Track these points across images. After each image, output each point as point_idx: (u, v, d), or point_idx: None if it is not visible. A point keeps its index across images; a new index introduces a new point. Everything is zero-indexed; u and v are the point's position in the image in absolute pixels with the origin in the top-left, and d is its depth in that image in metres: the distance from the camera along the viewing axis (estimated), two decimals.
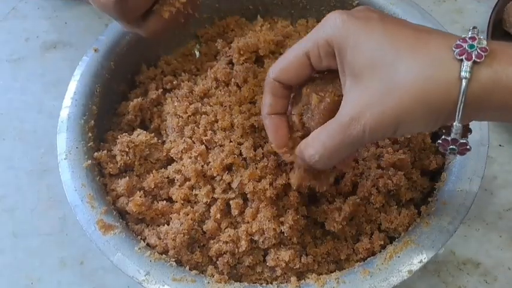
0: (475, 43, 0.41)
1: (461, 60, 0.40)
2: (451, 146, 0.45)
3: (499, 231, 0.71)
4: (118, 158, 0.66)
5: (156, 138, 0.67)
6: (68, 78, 0.69)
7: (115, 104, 0.73)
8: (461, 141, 0.44)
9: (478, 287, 0.68)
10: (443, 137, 0.45)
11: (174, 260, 0.59)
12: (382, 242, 0.60)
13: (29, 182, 0.79)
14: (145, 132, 0.67)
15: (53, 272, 0.72)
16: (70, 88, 0.68)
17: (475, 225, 0.72)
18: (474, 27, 0.44)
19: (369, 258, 0.58)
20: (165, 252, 0.60)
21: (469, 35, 0.42)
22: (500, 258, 0.69)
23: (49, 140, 0.68)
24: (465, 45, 0.41)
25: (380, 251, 0.59)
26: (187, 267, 0.58)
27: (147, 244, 0.60)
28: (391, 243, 0.59)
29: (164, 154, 0.67)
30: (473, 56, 0.40)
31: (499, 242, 0.71)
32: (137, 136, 0.66)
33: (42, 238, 0.74)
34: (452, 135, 0.44)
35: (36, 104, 0.85)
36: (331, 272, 0.59)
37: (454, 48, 0.41)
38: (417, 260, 0.55)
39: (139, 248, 0.58)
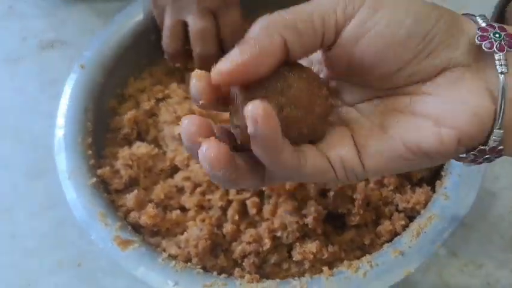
0: (497, 30, 0.36)
1: (493, 52, 0.35)
2: (486, 156, 0.37)
3: (502, 233, 0.71)
4: (122, 172, 0.64)
5: (157, 149, 0.66)
6: (65, 77, 0.68)
7: (107, 119, 0.71)
8: (500, 147, 0.36)
9: None
10: (480, 147, 0.36)
11: (199, 267, 0.58)
12: (403, 222, 0.60)
13: (25, 183, 0.77)
14: (144, 144, 0.66)
15: (50, 273, 0.70)
16: (61, 107, 0.66)
17: (477, 227, 0.71)
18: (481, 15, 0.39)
19: (395, 238, 0.58)
20: (187, 261, 0.59)
21: (483, 24, 0.37)
22: (502, 260, 0.69)
23: (46, 140, 0.66)
24: (489, 34, 0.36)
25: (404, 230, 0.59)
26: (215, 273, 0.58)
27: (169, 255, 0.59)
28: (410, 222, 0.60)
29: (168, 164, 0.65)
30: (505, 46, 0.35)
31: (501, 244, 0.69)
32: (138, 148, 0.65)
33: (40, 239, 0.72)
34: (491, 143, 0.36)
35: (33, 104, 0.84)
36: (358, 258, 0.59)
37: (478, 41, 0.36)
38: (444, 232, 0.55)
39: (163, 259, 0.57)
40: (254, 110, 0.31)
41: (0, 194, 0.77)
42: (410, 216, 0.61)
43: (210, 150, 0.34)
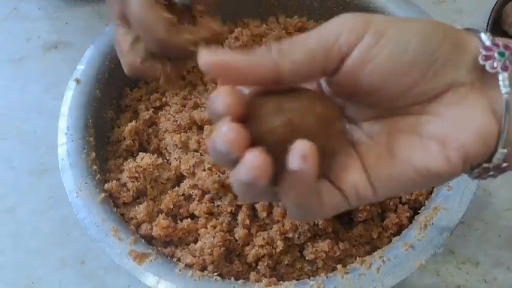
0: (501, 49, 0.36)
1: (497, 72, 0.35)
2: (490, 173, 0.38)
3: (498, 231, 0.71)
4: (129, 185, 0.64)
5: (160, 159, 0.66)
6: (68, 79, 0.69)
7: (106, 132, 0.72)
8: (504, 165, 0.37)
9: (478, 287, 0.68)
10: (484, 165, 0.37)
11: (216, 274, 0.58)
12: (408, 214, 0.62)
13: (29, 182, 0.78)
14: (148, 154, 0.66)
15: (53, 271, 0.71)
16: (61, 125, 0.66)
17: (474, 225, 0.72)
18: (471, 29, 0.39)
19: (403, 231, 0.60)
20: (203, 269, 0.59)
21: (488, 42, 0.36)
22: (499, 258, 0.70)
23: (49, 140, 0.67)
24: (493, 54, 0.35)
25: (411, 222, 0.61)
26: (232, 279, 0.58)
27: (184, 264, 0.59)
28: (415, 213, 0.62)
29: (173, 172, 0.66)
30: (509, 65, 0.35)
31: (498, 242, 0.71)
32: (142, 160, 0.65)
33: (43, 238, 0.74)
34: (495, 161, 0.36)
35: (36, 104, 0.85)
36: (367, 253, 0.61)
37: (482, 61, 0.35)
38: (451, 222, 0.57)
39: (180, 270, 0.57)
40: (304, 147, 0.32)
41: (4, 193, 0.78)
42: (414, 207, 0.63)
43: (257, 159, 0.33)
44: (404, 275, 0.55)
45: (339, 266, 0.57)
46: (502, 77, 0.35)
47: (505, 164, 0.36)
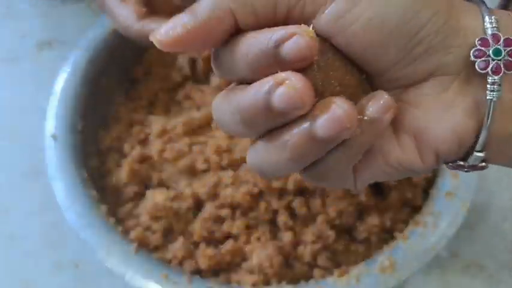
0: (500, 45, 0.30)
1: (486, 74, 0.30)
2: (466, 170, 0.34)
3: (503, 234, 0.70)
4: (155, 227, 0.61)
5: (172, 190, 0.63)
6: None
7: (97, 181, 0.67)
8: (481, 165, 0.33)
9: None
10: (458, 162, 0.33)
11: (285, 283, 0.57)
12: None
13: (23, 184, 0.76)
14: (158, 190, 0.63)
15: (48, 275, 0.69)
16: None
17: (478, 228, 0.70)
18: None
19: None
20: (267, 283, 0.58)
21: (489, 30, 0.30)
22: (504, 261, 0.69)
23: (44, 139, 0.67)
24: (488, 51, 0.30)
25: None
26: (302, 282, 0.57)
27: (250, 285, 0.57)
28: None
29: (191, 200, 0.62)
30: (502, 67, 0.30)
31: (503, 244, 0.70)
32: (154, 198, 0.62)
33: (37, 241, 0.71)
34: (471, 162, 0.33)
35: (30, 104, 0.82)
36: (410, 216, 0.62)
37: (473, 57, 0.30)
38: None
39: None
40: (388, 99, 0.30)
41: None
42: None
43: (345, 106, 0.28)
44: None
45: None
46: (492, 80, 0.30)
47: (482, 164, 0.33)
